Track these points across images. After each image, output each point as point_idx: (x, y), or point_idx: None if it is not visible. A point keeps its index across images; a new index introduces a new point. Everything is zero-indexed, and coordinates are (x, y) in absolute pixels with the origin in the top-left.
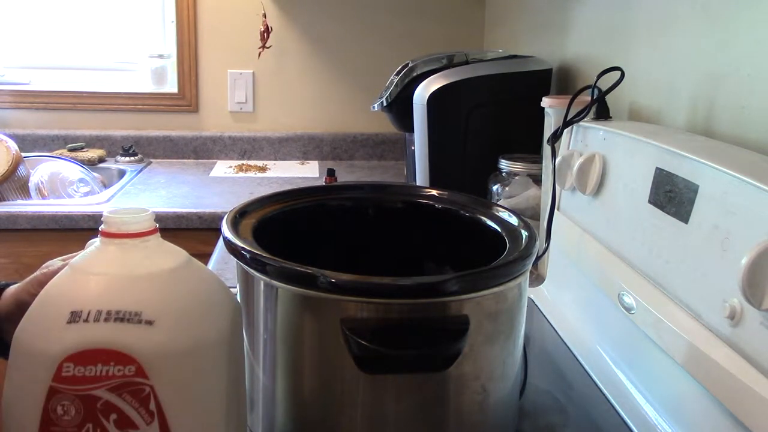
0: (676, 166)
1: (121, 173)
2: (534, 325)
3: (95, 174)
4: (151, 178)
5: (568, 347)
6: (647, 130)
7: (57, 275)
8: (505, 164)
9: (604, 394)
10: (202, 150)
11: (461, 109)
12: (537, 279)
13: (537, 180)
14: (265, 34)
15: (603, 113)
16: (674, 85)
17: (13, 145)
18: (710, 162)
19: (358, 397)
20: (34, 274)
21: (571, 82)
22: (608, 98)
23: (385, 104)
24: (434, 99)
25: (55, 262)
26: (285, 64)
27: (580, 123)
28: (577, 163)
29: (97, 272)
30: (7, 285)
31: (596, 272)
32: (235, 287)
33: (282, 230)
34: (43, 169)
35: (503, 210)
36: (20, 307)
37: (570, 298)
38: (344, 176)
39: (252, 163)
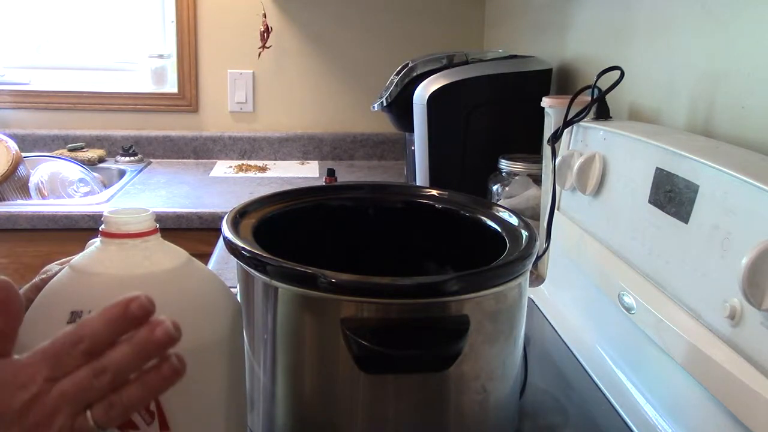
0: (676, 166)
1: (121, 173)
2: (534, 325)
3: (95, 174)
4: (151, 178)
5: (568, 347)
6: (647, 130)
7: (57, 275)
8: (505, 164)
9: (604, 394)
10: (202, 150)
11: (461, 109)
12: (537, 279)
13: (537, 180)
14: (265, 34)
15: (603, 113)
16: (674, 85)
17: (13, 145)
18: (710, 162)
19: (358, 397)
20: (33, 280)
21: (571, 82)
22: (608, 98)
23: (385, 104)
24: (434, 99)
25: (53, 267)
26: (285, 64)
27: (580, 123)
28: (577, 163)
29: (97, 272)
30: None
31: (596, 272)
32: (235, 287)
33: (282, 230)
34: (43, 169)
35: (503, 210)
36: None
37: (570, 298)
38: (344, 176)
39: (252, 163)
